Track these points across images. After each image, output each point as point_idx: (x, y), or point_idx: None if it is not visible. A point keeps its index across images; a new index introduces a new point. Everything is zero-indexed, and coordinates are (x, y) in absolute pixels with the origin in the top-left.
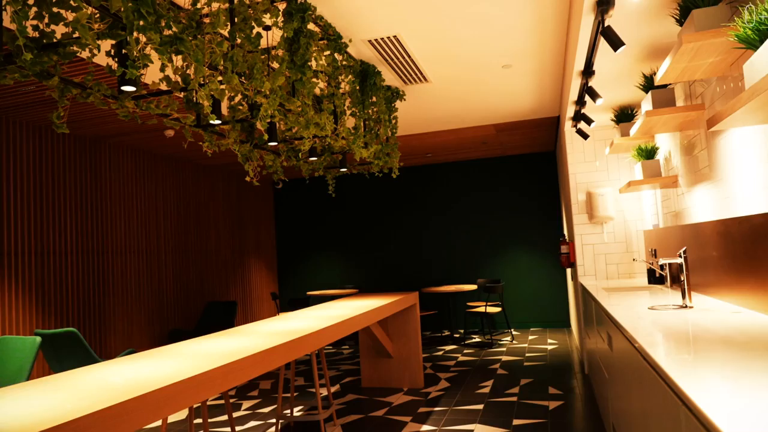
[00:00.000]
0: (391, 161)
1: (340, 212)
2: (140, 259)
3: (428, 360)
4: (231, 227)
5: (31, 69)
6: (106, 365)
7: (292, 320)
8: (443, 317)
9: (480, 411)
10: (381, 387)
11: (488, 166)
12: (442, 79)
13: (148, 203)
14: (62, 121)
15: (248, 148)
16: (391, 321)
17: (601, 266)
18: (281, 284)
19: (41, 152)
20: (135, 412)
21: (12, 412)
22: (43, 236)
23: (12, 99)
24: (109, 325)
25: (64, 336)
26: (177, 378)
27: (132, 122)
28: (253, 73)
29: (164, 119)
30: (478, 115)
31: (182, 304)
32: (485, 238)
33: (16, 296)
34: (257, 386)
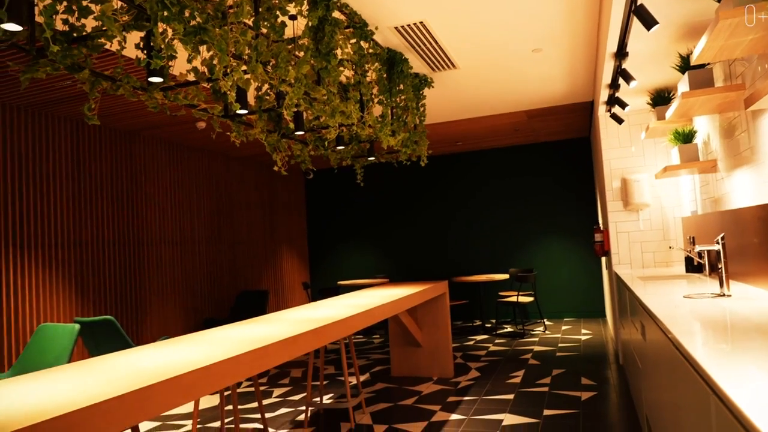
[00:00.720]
0: (420, 149)
1: (371, 202)
2: (174, 250)
3: (459, 350)
4: (262, 218)
5: (61, 62)
6: (138, 350)
7: (320, 308)
8: (474, 307)
9: (510, 401)
10: (410, 376)
11: (520, 153)
12: (470, 65)
13: (181, 194)
14: (93, 113)
15: (276, 138)
16: (420, 310)
17: (636, 255)
18: (312, 274)
19: (79, 146)
20: (162, 395)
21: (46, 393)
22: (82, 228)
23: (49, 94)
24: (145, 313)
25: (102, 324)
26: (204, 363)
27: (165, 115)
28: (278, 61)
29: (192, 110)
30: (508, 102)
31: (215, 294)
32: (517, 227)
33: (57, 285)
34: (288, 374)
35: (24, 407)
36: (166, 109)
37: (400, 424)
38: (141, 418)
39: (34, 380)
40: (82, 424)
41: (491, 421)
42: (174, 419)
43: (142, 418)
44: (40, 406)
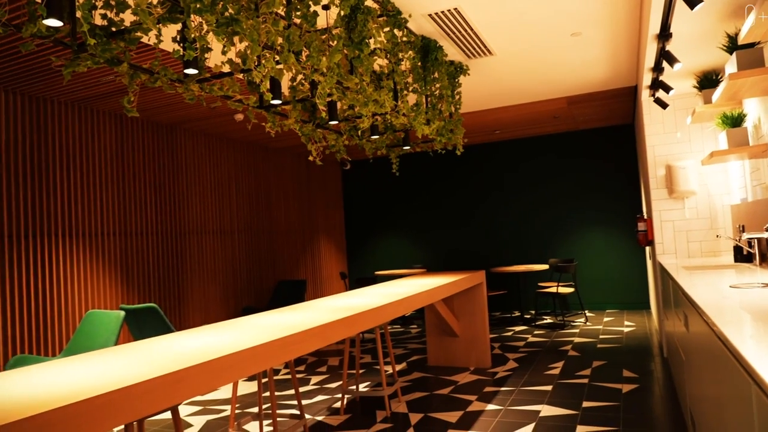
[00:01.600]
0: (455, 138)
1: (408, 192)
2: (215, 239)
3: (496, 340)
4: (300, 208)
5: (101, 56)
6: (177, 335)
7: (355, 297)
8: (513, 298)
9: (548, 392)
10: (447, 366)
11: (561, 141)
12: (507, 51)
13: (221, 185)
14: (132, 106)
15: (310, 128)
16: (457, 300)
17: (682, 244)
18: (350, 264)
19: (122, 139)
20: (196, 378)
21: (92, 373)
22: (127, 218)
23: (94, 89)
24: (187, 301)
25: (146, 311)
26: (238, 348)
27: (204, 108)
28: (310, 51)
29: (228, 101)
30: (547, 88)
31: (255, 283)
32: (557, 217)
33: (103, 274)
34: (325, 362)
35: (71, 386)
36: (202, 100)
37: (436, 413)
38: (177, 399)
39: (81, 362)
40: (122, 403)
41: (528, 412)
42: (214, 404)
43: (177, 399)
44: (85, 384)
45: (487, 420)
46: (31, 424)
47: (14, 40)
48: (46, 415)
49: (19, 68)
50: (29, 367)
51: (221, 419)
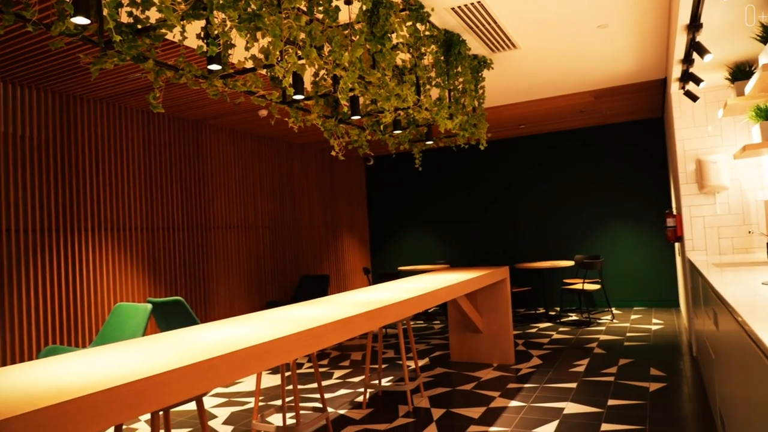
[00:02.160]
0: (479, 132)
1: (431, 187)
2: (240, 234)
3: (520, 337)
4: (324, 203)
5: (127, 52)
6: (202, 327)
7: (376, 291)
8: (538, 294)
9: (573, 389)
10: (470, 362)
11: (587, 135)
12: (531, 44)
13: (246, 181)
14: (158, 101)
15: (333, 123)
16: (480, 296)
17: (712, 240)
18: (373, 259)
19: (149, 135)
20: (219, 368)
21: (119, 362)
22: (154, 213)
23: (122, 86)
24: (212, 295)
25: (172, 304)
26: (261, 340)
27: (229, 104)
28: (332, 46)
29: (251, 97)
30: (573, 82)
31: (279, 277)
32: (583, 212)
33: (131, 267)
34: (348, 357)
35: (100, 374)
36: (226, 96)
37: (458, 409)
38: (201, 389)
39: (109, 351)
40: (149, 391)
41: (552, 409)
42: (238, 396)
43: (202, 389)
44: (114, 373)
45: (510, 416)
46: (64, 409)
47: (45, 39)
48: (78, 401)
49: (50, 66)
50: (61, 355)
51: (245, 411)
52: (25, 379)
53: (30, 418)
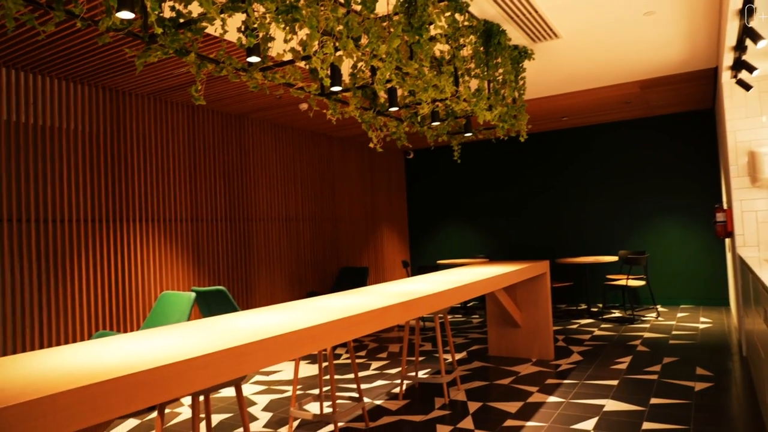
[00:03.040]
0: (519, 124)
1: (471, 181)
2: (280, 226)
3: (561, 332)
4: (364, 197)
5: (170, 46)
6: (242, 314)
7: (414, 283)
8: (579, 290)
9: (614, 387)
10: (508, 356)
11: (632, 128)
12: (574, 34)
13: (286, 174)
14: (200, 94)
15: (371, 115)
16: (519, 290)
17: (765, 236)
18: (412, 253)
19: (194, 129)
20: (258, 352)
21: (162, 345)
22: (198, 205)
23: (167, 82)
24: (254, 285)
25: (215, 293)
26: (299, 327)
27: (270, 98)
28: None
29: (290, 89)
30: (618, 72)
31: (318, 269)
32: (628, 207)
33: (176, 257)
34: (386, 349)
35: (146, 355)
36: (266, 88)
37: (495, 403)
38: (241, 372)
39: (155, 335)
40: (191, 372)
41: (592, 406)
42: (277, 384)
43: (241, 372)
44: (159, 354)
45: (548, 412)
46: (111, 386)
47: (94, 36)
48: (123, 379)
49: (100, 63)
50: (110, 337)
51: (284, 399)
52: (76, 358)
53: (79, 393)
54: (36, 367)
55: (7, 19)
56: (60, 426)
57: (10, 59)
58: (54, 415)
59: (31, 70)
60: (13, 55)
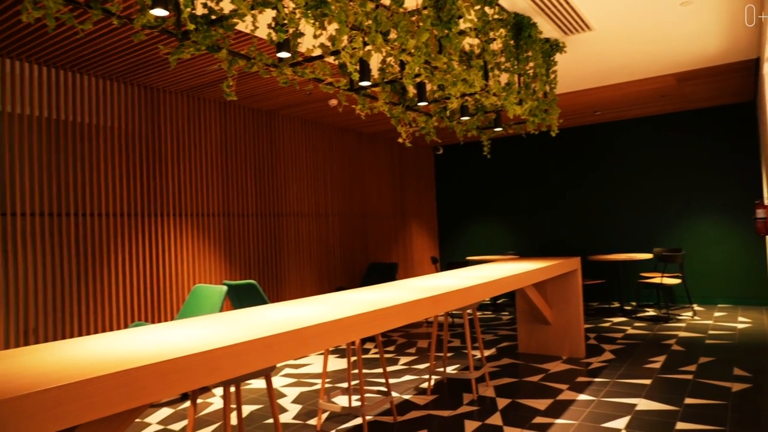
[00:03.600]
0: (550, 119)
1: (501, 176)
2: (310, 222)
3: (592, 330)
4: (392, 193)
5: (202, 42)
6: (272, 306)
7: (443, 278)
8: (612, 288)
9: (647, 386)
10: (538, 354)
11: (668, 122)
12: (607, 25)
13: (316, 170)
14: (231, 90)
15: (400, 110)
16: (550, 287)
17: None
18: (441, 249)
19: (226, 125)
20: (286, 343)
21: (195, 335)
22: (229, 200)
23: (200, 79)
24: (283, 279)
25: (246, 287)
26: (327, 319)
27: (300, 95)
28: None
29: (320, 84)
30: (653, 65)
31: (347, 264)
32: (663, 203)
33: (208, 251)
34: (414, 344)
35: (178, 344)
36: (295, 84)
37: (524, 400)
38: (270, 361)
39: (188, 325)
40: (222, 360)
41: (623, 405)
42: (307, 377)
43: (270, 362)
44: (192, 343)
45: (578, 410)
46: (145, 372)
47: (129, 34)
48: (157, 365)
49: (135, 61)
50: (145, 326)
51: (313, 391)
52: (113, 345)
53: (116, 377)
54: (75, 353)
55: (48, 18)
56: (96, 409)
57: (50, 58)
58: (90, 398)
59: (69, 69)
60: (52, 55)
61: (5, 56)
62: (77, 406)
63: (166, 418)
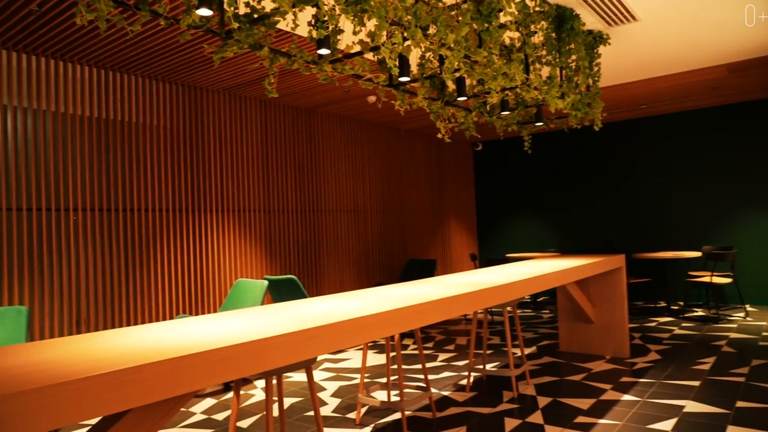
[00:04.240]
0: (593, 112)
1: (542, 172)
2: (349, 218)
3: (637, 330)
4: (431, 189)
5: (245, 41)
6: (312, 300)
7: (483, 274)
8: (658, 286)
9: (695, 388)
10: (580, 353)
11: (718, 114)
12: (653, 15)
13: (354, 166)
14: (273, 87)
15: (439, 105)
16: (593, 284)
17: None
18: (480, 246)
19: (266, 123)
20: (326, 336)
21: (238, 326)
22: (270, 197)
23: (241, 77)
24: (323, 275)
25: (286, 281)
26: (365, 313)
27: (339, 92)
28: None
29: (359, 81)
30: (703, 55)
31: (386, 260)
32: (713, 200)
33: (249, 247)
34: (453, 341)
35: (222, 335)
36: (335, 80)
37: (566, 399)
38: (310, 354)
39: (230, 317)
40: (264, 351)
41: (670, 407)
42: (346, 372)
43: (310, 354)
44: (234, 334)
45: (622, 410)
46: (191, 361)
47: (174, 34)
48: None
49: (179, 61)
50: (192, 318)
51: (352, 386)
52: (161, 335)
53: (165, 365)
54: (125, 342)
55: (100, 20)
56: (147, 394)
57: (99, 60)
58: (142, 384)
59: (118, 70)
60: (102, 56)
61: (59, 59)
62: (129, 391)
63: (210, 408)
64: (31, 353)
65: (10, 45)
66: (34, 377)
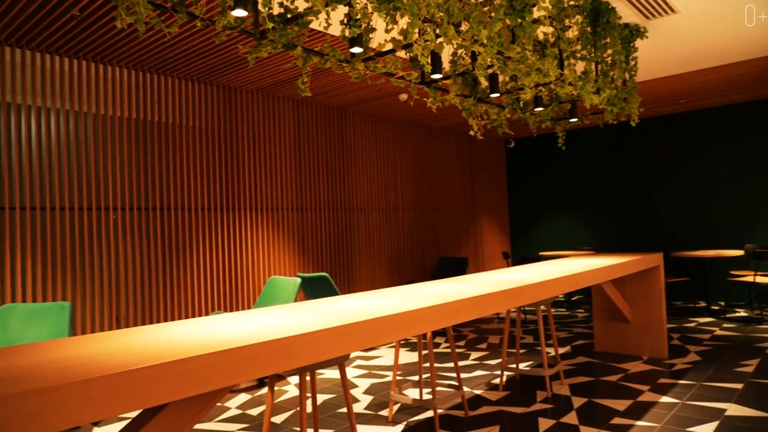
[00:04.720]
0: (629, 108)
1: (576, 170)
2: (381, 216)
3: (676, 330)
4: (463, 187)
5: (279, 41)
6: (345, 297)
7: (516, 273)
8: (698, 286)
9: (738, 390)
10: (616, 353)
11: (763, 108)
12: (693, 7)
13: (386, 164)
14: (306, 86)
15: (471, 102)
16: (629, 283)
17: None
18: (513, 244)
19: (298, 122)
20: (359, 333)
21: (272, 322)
22: (303, 195)
23: (274, 77)
24: (355, 272)
25: (319, 279)
26: (398, 310)
27: (371, 90)
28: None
29: (391, 79)
30: (745, 47)
31: (417, 258)
32: (757, 196)
33: (283, 244)
34: (486, 340)
35: (257, 330)
36: (367, 79)
37: (601, 399)
38: (343, 350)
39: (265, 314)
40: (298, 347)
41: (711, 409)
42: (378, 369)
43: (343, 350)
44: (268, 330)
45: (660, 412)
46: (227, 355)
47: (210, 36)
48: (238, 350)
49: (214, 62)
50: (227, 314)
51: (384, 383)
52: (199, 330)
53: (202, 360)
54: (162, 337)
55: (139, 23)
56: (184, 388)
57: (138, 62)
58: (179, 378)
59: (155, 71)
60: (140, 59)
61: (99, 62)
62: (167, 385)
63: (244, 404)
64: (74, 347)
65: (53, 49)
66: (77, 370)
